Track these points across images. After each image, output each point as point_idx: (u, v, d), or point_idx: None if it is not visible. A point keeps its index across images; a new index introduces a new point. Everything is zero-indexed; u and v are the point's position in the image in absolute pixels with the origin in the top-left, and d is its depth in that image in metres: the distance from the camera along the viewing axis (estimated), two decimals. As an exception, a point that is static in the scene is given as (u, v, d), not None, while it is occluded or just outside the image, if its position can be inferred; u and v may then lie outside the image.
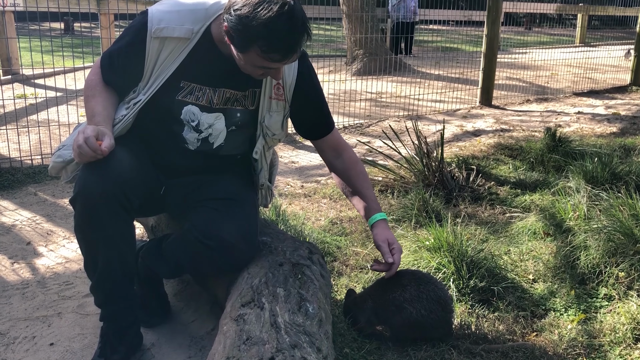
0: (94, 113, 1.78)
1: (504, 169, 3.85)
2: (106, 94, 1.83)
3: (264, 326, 1.43)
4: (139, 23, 1.77)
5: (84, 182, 1.69)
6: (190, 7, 1.77)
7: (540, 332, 2.00)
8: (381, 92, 6.89)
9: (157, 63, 1.78)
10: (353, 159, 2.03)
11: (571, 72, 8.37)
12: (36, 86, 6.22)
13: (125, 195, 1.70)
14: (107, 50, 1.85)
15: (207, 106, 1.84)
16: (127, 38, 1.81)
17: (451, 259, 2.25)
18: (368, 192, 1.99)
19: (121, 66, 1.81)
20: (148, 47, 1.75)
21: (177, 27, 1.74)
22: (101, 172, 1.67)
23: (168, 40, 1.75)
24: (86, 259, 1.82)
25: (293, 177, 3.90)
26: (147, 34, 1.74)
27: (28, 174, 3.74)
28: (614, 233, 2.39)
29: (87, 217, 1.72)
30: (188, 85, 1.81)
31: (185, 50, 1.76)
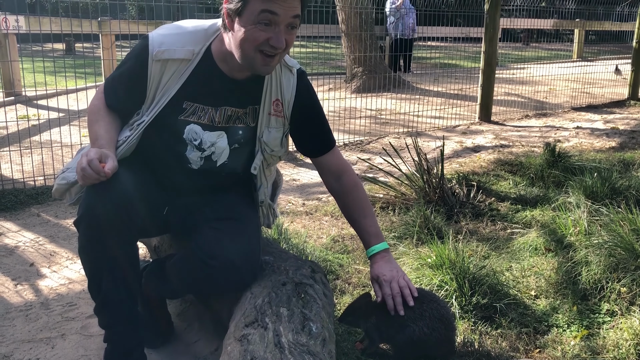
0: (97, 136, 1.81)
1: (504, 184, 3.87)
2: (109, 118, 1.86)
3: (267, 346, 1.44)
4: (141, 47, 1.80)
5: (88, 204, 1.71)
6: (190, 30, 1.81)
7: (543, 349, 2.01)
8: (381, 109, 6.93)
9: (159, 85, 1.81)
10: (353, 182, 2.02)
11: (569, 87, 8.42)
12: (38, 107, 6.26)
13: (129, 216, 1.72)
14: (110, 76, 1.90)
15: (209, 125, 1.86)
16: (129, 63, 1.84)
17: (453, 276, 2.25)
18: (365, 221, 1.99)
19: (124, 90, 1.85)
20: (150, 70, 1.78)
21: (178, 49, 1.77)
22: (105, 194, 1.69)
23: (170, 62, 1.78)
24: (90, 281, 1.83)
25: (294, 195, 3.92)
26: (149, 57, 1.77)
27: (31, 195, 3.75)
28: (615, 248, 2.41)
29: (91, 239, 1.73)
30: (191, 105, 1.84)
31: (187, 71, 1.79)
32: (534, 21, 11.10)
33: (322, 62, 10.97)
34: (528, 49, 16.04)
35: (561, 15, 11.22)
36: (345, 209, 2.05)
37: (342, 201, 2.04)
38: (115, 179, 1.71)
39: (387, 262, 1.94)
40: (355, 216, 2.01)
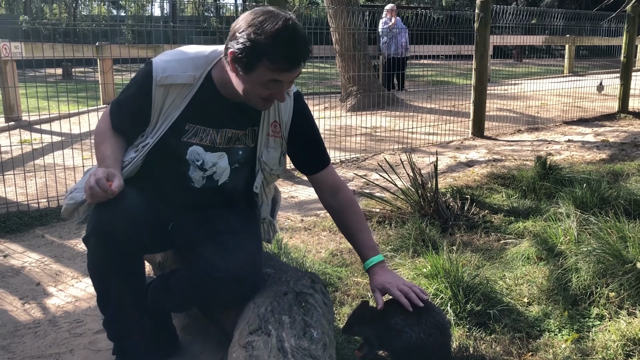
0: (104, 157, 1.90)
1: (498, 197, 3.96)
2: (115, 139, 1.96)
3: (271, 351, 1.52)
4: (145, 73, 1.90)
5: (97, 221, 1.80)
6: (191, 56, 1.91)
7: (535, 352, 2.09)
8: (376, 127, 7.05)
9: (163, 108, 1.90)
10: (349, 198, 2.12)
11: (561, 101, 8.58)
12: (41, 132, 6.37)
13: (137, 231, 1.81)
14: (116, 99, 1.99)
15: (211, 146, 1.96)
16: (134, 87, 1.94)
17: (448, 285, 2.34)
18: (361, 235, 2.08)
19: (129, 113, 1.94)
20: (154, 95, 1.88)
21: (180, 75, 1.87)
22: (112, 211, 1.78)
23: (172, 87, 1.88)
24: (99, 295, 1.92)
25: (293, 211, 4.01)
26: (153, 83, 1.87)
27: (35, 217, 3.83)
28: (604, 255, 2.50)
29: (100, 254, 1.82)
30: (192, 127, 1.93)
31: (188, 95, 1.89)
32: (524, 38, 11.30)
33: (317, 81, 11.14)
34: (520, 65, 16.27)
35: (552, 32, 11.43)
36: (341, 224, 2.14)
37: (339, 217, 2.14)
38: (123, 197, 1.81)
39: (387, 272, 2.03)
40: (352, 231, 2.10)
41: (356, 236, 2.09)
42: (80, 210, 1.99)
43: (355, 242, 2.10)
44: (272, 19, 1.71)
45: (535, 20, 12.89)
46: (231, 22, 1.83)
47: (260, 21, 1.71)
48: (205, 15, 29.46)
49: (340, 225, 2.14)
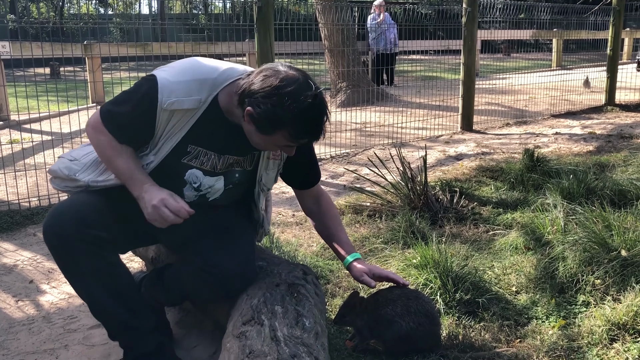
0: (131, 170, 1.85)
1: (486, 190, 4.01)
2: (127, 149, 1.87)
3: (264, 340, 1.55)
4: (150, 93, 1.79)
5: (44, 228, 1.82)
6: (198, 77, 1.81)
7: (523, 339, 2.13)
8: (366, 122, 7.09)
9: (166, 129, 1.84)
10: (329, 203, 2.21)
11: (549, 95, 8.65)
12: (30, 131, 6.35)
13: (89, 230, 1.79)
14: (114, 111, 1.85)
15: (211, 171, 1.94)
16: (137, 106, 1.82)
17: (437, 275, 2.38)
18: (342, 235, 2.16)
19: (133, 131, 1.85)
20: (158, 117, 1.80)
21: (186, 100, 1.78)
22: (59, 216, 1.80)
23: (178, 111, 1.81)
24: (78, 295, 1.95)
25: (284, 206, 4.04)
26: (158, 107, 1.78)
27: (26, 216, 3.84)
28: (590, 244, 2.55)
29: (57, 259, 1.85)
30: (195, 149, 1.89)
31: (193, 118, 1.83)
32: (512, 32, 11.37)
33: (307, 78, 11.15)
34: (509, 59, 16.35)
35: (539, 26, 11.51)
36: (322, 226, 2.20)
37: (320, 220, 2.20)
38: (72, 201, 1.85)
39: (364, 263, 2.10)
40: (333, 231, 2.17)
41: (337, 235, 2.16)
42: (61, 182, 2.00)
43: (336, 240, 2.15)
44: (297, 91, 1.68)
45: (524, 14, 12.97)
46: (219, 20, 1.83)
47: (285, 93, 1.67)
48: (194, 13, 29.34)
49: (321, 226, 2.20)
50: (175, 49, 6.46)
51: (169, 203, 1.79)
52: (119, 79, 6.43)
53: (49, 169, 2.07)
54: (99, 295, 1.87)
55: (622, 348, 1.97)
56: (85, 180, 1.94)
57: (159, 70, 1.84)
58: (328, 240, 2.19)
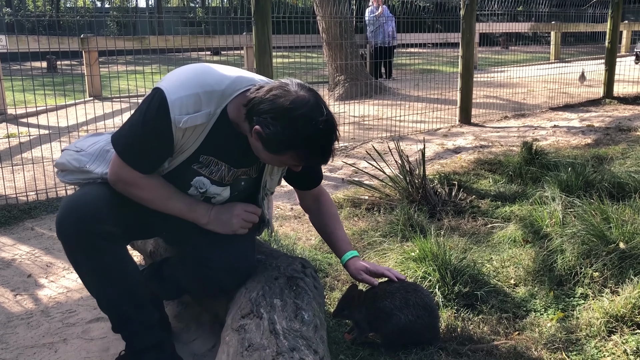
0: (190, 203, 1.90)
1: (485, 183, 4.01)
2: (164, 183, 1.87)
3: (263, 333, 1.55)
4: (161, 114, 1.73)
5: (58, 221, 1.80)
6: (206, 89, 1.76)
7: (522, 331, 2.14)
8: (364, 116, 7.08)
9: (180, 142, 1.81)
10: (329, 201, 2.20)
11: (547, 87, 8.65)
12: (27, 125, 6.32)
13: (100, 225, 1.78)
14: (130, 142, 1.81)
15: (218, 182, 1.93)
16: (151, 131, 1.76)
17: (436, 268, 2.38)
18: (340, 233, 2.15)
19: (156, 157, 1.83)
20: (175, 135, 1.77)
21: (197, 116, 1.74)
22: (73, 209, 1.79)
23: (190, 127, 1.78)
24: (89, 290, 1.94)
25: (282, 200, 4.04)
26: (173, 125, 1.73)
27: (24, 210, 3.83)
28: (588, 236, 2.55)
29: (69, 253, 1.84)
30: (206, 159, 1.87)
31: (205, 131, 1.80)
32: (510, 25, 11.36)
33: (305, 71, 11.13)
34: (507, 52, 16.33)
35: (538, 19, 11.49)
36: (321, 223, 2.19)
37: (319, 217, 2.20)
38: (85, 195, 1.84)
39: (361, 260, 2.11)
40: (331, 228, 2.16)
41: (335, 232, 2.16)
42: (74, 174, 2.00)
43: (335, 237, 2.15)
44: (307, 114, 1.65)
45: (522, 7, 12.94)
46: (217, 13, 1.80)
47: (295, 116, 1.64)
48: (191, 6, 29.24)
49: (320, 223, 2.20)
50: (172, 43, 6.44)
51: (244, 207, 1.93)
52: (116, 72, 6.42)
53: (56, 163, 2.06)
54: (109, 289, 1.87)
55: (621, 340, 1.97)
56: (98, 172, 1.93)
57: (164, 83, 1.78)
58: (326, 237, 2.19)
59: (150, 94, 1.78)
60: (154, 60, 7.86)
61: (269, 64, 4.70)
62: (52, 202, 4.00)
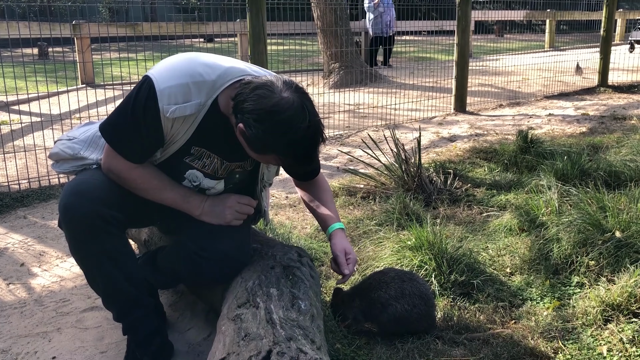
0: (184, 194, 1.88)
1: (480, 171, 4.01)
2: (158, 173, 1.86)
3: (260, 323, 1.54)
4: (149, 103, 1.71)
5: (65, 206, 1.78)
6: (197, 79, 1.73)
7: (518, 320, 2.14)
8: (359, 104, 7.05)
9: (170, 132, 1.79)
10: (321, 178, 2.17)
11: (542, 76, 8.63)
12: (19, 112, 6.26)
13: (106, 210, 1.77)
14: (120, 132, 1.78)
15: (212, 175, 1.92)
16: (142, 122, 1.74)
17: (432, 257, 2.37)
18: (331, 206, 2.11)
19: (147, 148, 1.81)
20: (164, 124, 1.75)
21: (187, 106, 1.72)
22: (78, 194, 1.77)
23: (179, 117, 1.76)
24: (88, 277, 1.91)
25: (277, 189, 4.02)
26: (161, 115, 1.72)
27: (16, 198, 3.79)
28: (584, 225, 2.55)
29: (75, 238, 1.81)
30: (198, 150, 1.86)
31: (195, 122, 1.78)
32: (506, 13, 11.33)
33: (299, 59, 11.07)
34: (501, 40, 16.30)
35: (533, 7, 11.46)
36: (312, 197, 2.14)
37: (311, 193, 2.15)
38: (89, 180, 1.81)
39: (347, 240, 2.05)
40: (322, 202, 2.11)
41: (327, 206, 2.10)
42: (67, 164, 1.99)
43: (324, 210, 2.09)
44: (290, 119, 1.60)
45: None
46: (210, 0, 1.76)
47: (277, 120, 1.60)
48: (184, -7, 28.91)
49: (310, 198, 2.14)
50: (165, 29, 6.37)
51: (237, 199, 1.91)
52: (109, 59, 6.35)
53: (50, 154, 2.05)
54: (115, 274, 1.85)
55: (617, 329, 1.97)
56: (92, 158, 1.94)
57: (154, 71, 1.75)
58: (316, 208, 2.12)
59: (139, 81, 1.77)
60: (146, 47, 7.78)
61: (263, 51, 4.66)
62: (45, 190, 3.96)
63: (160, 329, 2.02)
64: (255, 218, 2.18)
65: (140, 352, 1.94)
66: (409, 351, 1.95)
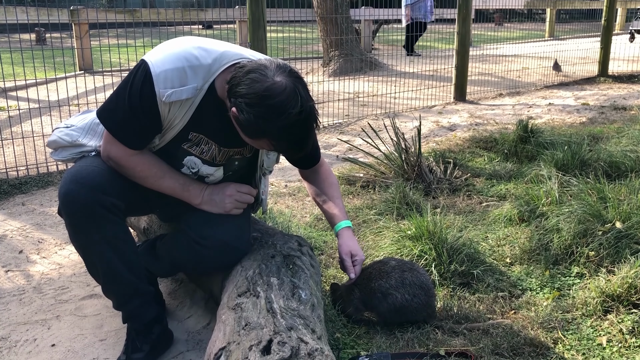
0: (184, 182, 1.89)
1: (480, 161, 4.00)
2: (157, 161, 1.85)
3: (260, 312, 1.53)
4: (145, 88, 1.70)
5: (65, 192, 1.76)
6: (193, 63, 1.72)
7: (518, 310, 2.13)
8: (358, 92, 7.02)
9: (167, 117, 1.78)
10: (328, 171, 2.16)
11: (542, 65, 8.60)
12: (17, 99, 6.22)
13: (106, 197, 1.76)
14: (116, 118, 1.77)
15: (210, 161, 1.90)
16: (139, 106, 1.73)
17: (432, 246, 2.37)
18: (338, 202, 2.10)
19: (145, 134, 1.80)
20: (161, 109, 1.74)
21: (183, 90, 1.71)
22: (78, 182, 1.76)
23: (176, 102, 1.75)
24: (88, 265, 1.90)
25: (276, 177, 4.00)
26: (157, 100, 1.71)
27: (14, 185, 3.78)
28: (584, 215, 2.54)
29: (75, 226, 1.80)
30: (196, 136, 1.84)
31: (192, 107, 1.76)
32: (506, 1, 11.25)
33: (298, 46, 11.00)
34: (501, 29, 16.23)
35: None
36: (319, 192, 2.14)
37: (317, 186, 2.14)
38: (89, 167, 1.80)
39: (355, 239, 2.06)
40: (329, 197, 2.11)
41: (333, 201, 2.10)
42: (66, 152, 1.99)
43: (331, 205, 2.10)
44: (281, 104, 1.58)
45: (517, -17, 12.80)
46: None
47: (269, 105, 1.58)
48: (182, -21, 28.70)
49: (317, 191, 2.14)
50: (164, 15, 6.32)
51: (237, 188, 1.90)
52: (107, 46, 6.31)
53: (48, 142, 2.04)
54: (115, 262, 1.84)
55: (616, 319, 1.98)
56: (91, 145, 1.93)
57: (149, 56, 1.74)
58: (323, 203, 2.12)
59: (135, 66, 1.76)
60: (145, 33, 7.72)
61: (262, 38, 4.63)
62: (43, 177, 3.94)
63: (160, 317, 2.01)
64: (253, 207, 2.17)
65: (140, 340, 1.94)
66: (409, 340, 1.95)
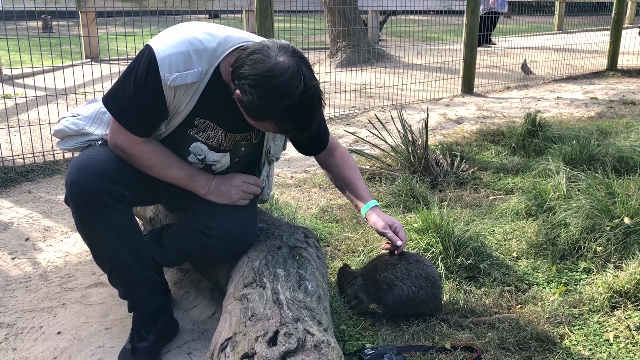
0: (190, 172, 1.88)
1: (487, 154, 3.98)
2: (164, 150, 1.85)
3: (267, 303, 1.53)
4: (150, 72, 1.70)
5: (72, 181, 1.76)
6: (197, 47, 1.72)
7: (524, 305, 2.13)
8: (365, 83, 6.98)
9: (173, 103, 1.77)
10: (344, 154, 2.13)
11: (550, 58, 8.53)
12: (24, 86, 6.22)
13: (113, 186, 1.76)
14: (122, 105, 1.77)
15: (216, 147, 1.89)
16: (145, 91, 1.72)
17: (439, 239, 2.36)
18: (359, 183, 2.09)
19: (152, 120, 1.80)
20: (166, 94, 1.73)
21: (188, 74, 1.71)
22: (85, 170, 1.75)
23: (182, 86, 1.74)
24: (94, 254, 1.90)
25: (282, 168, 4.00)
26: (163, 84, 1.70)
27: (21, 173, 3.78)
28: (592, 210, 2.53)
29: (81, 214, 1.79)
30: (202, 122, 1.83)
31: (197, 91, 1.76)
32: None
33: (305, 37, 10.95)
34: (510, 21, 16.10)
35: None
36: (338, 176, 2.12)
37: (335, 170, 2.12)
38: (96, 156, 1.80)
39: (385, 214, 2.05)
40: (349, 180, 2.09)
41: (355, 183, 2.09)
42: (74, 139, 1.99)
43: (354, 188, 2.08)
44: (284, 84, 1.56)
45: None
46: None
47: (272, 85, 1.56)
48: (190, -33, 28.54)
49: (336, 176, 2.13)
50: (171, 4, 6.30)
51: (243, 178, 1.91)
52: (114, 34, 6.29)
53: (54, 131, 2.04)
54: (121, 250, 1.84)
55: (624, 315, 1.97)
56: (98, 134, 1.94)
57: (154, 41, 1.74)
58: (345, 187, 2.11)
59: (140, 51, 1.76)
60: (152, 22, 7.70)
61: (270, 27, 4.61)
62: (50, 165, 3.95)
63: (166, 307, 2.02)
64: (261, 194, 2.16)
65: (145, 329, 1.94)
66: (414, 334, 1.95)
